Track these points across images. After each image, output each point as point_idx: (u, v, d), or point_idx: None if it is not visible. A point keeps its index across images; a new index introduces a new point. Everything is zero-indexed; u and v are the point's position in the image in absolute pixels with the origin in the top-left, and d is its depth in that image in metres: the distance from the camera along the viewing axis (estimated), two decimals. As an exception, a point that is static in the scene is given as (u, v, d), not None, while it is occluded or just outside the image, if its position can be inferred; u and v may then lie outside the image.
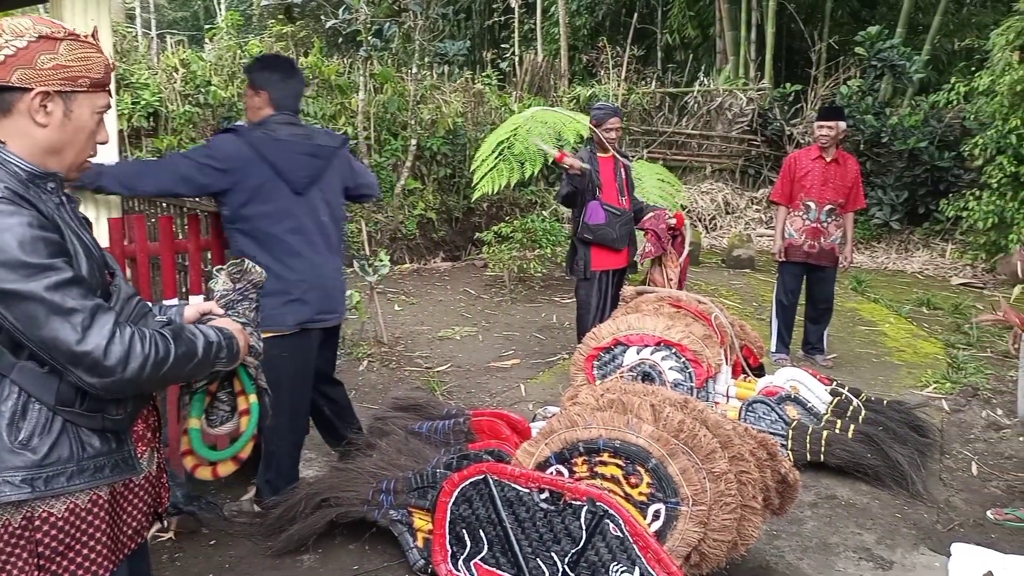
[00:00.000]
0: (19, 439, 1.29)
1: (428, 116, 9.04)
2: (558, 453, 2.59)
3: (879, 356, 5.73)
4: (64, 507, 1.34)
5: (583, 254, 4.66)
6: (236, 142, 2.71)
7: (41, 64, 1.29)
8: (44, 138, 1.33)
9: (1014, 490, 3.57)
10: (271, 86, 2.80)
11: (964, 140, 9.44)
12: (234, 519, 2.94)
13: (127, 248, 2.73)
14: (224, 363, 1.54)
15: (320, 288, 2.84)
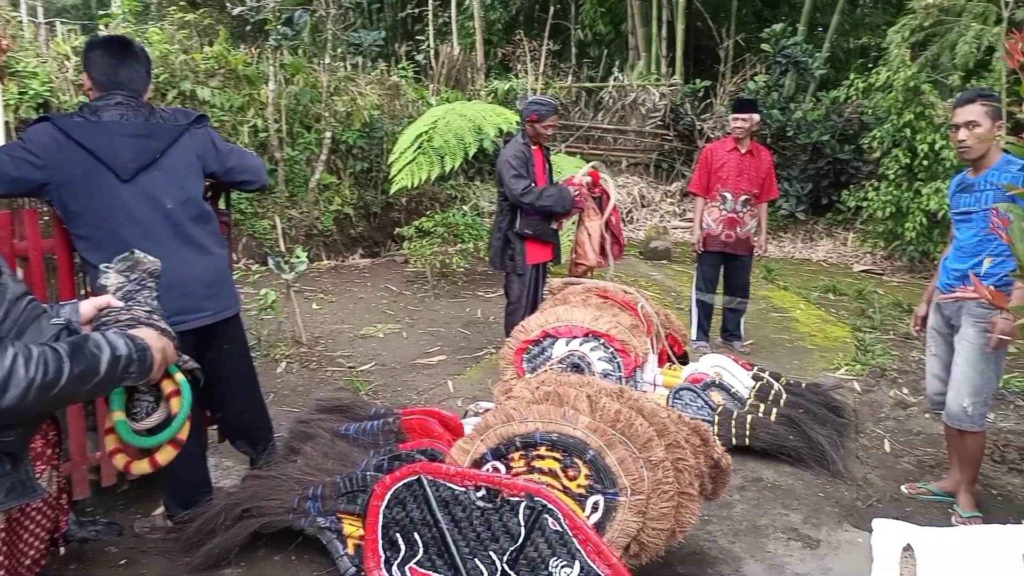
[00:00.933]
0: None
1: (343, 109, 8.78)
2: (494, 449, 2.53)
3: (792, 341, 5.94)
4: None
5: (519, 249, 4.60)
6: (49, 130, 2.40)
7: None
8: None
9: (924, 464, 3.75)
10: (94, 66, 2.50)
11: (863, 134, 9.93)
12: (147, 536, 2.73)
13: (17, 246, 2.48)
14: (134, 378, 1.39)
15: (171, 286, 2.24)
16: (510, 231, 4.63)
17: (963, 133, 3.11)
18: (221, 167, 2.70)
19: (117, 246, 2.17)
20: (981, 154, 3.11)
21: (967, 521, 3.15)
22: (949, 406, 3.20)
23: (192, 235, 2.57)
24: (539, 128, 4.66)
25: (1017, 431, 4.13)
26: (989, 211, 3.07)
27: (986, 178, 3.09)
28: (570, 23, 15.43)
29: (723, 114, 11.67)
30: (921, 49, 7.77)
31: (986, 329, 3.05)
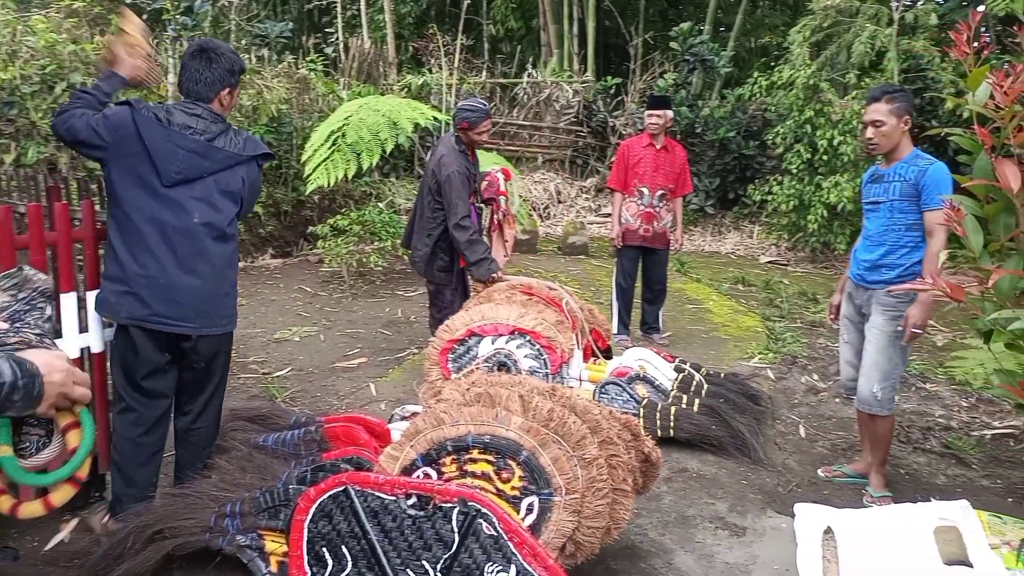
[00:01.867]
0: None
1: (248, 103, 8.41)
2: (425, 454, 2.45)
3: (707, 332, 6.09)
4: None
5: (454, 259, 4.36)
6: (125, 115, 2.55)
7: None
8: None
9: (837, 448, 3.90)
10: (182, 71, 2.70)
11: (766, 130, 10.33)
12: (49, 562, 2.51)
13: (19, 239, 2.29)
14: (18, 407, 1.22)
15: (166, 290, 2.56)
16: (443, 241, 4.31)
17: (870, 131, 3.24)
18: (247, 205, 2.83)
19: (136, 239, 2.55)
20: (889, 149, 3.24)
21: (878, 500, 3.29)
22: (860, 391, 3.33)
23: (208, 252, 2.64)
24: (472, 136, 4.37)
25: (918, 412, 4.36)
26: (895, 202, 3.22)
27: (895, 170, 3.23)
28: (482, 19, 15.39)
29: (634, 111, 11.90)
30: (820, 48, 8.12)
31: (895, 318, 3.18)
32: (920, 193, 3.13)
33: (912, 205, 3.17)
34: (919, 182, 3.13)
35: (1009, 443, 3.97)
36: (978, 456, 3.79)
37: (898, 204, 3.20)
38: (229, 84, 2.70)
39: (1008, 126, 2.10)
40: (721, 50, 11.46)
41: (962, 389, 4.72)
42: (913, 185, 3.15)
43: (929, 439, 4.00)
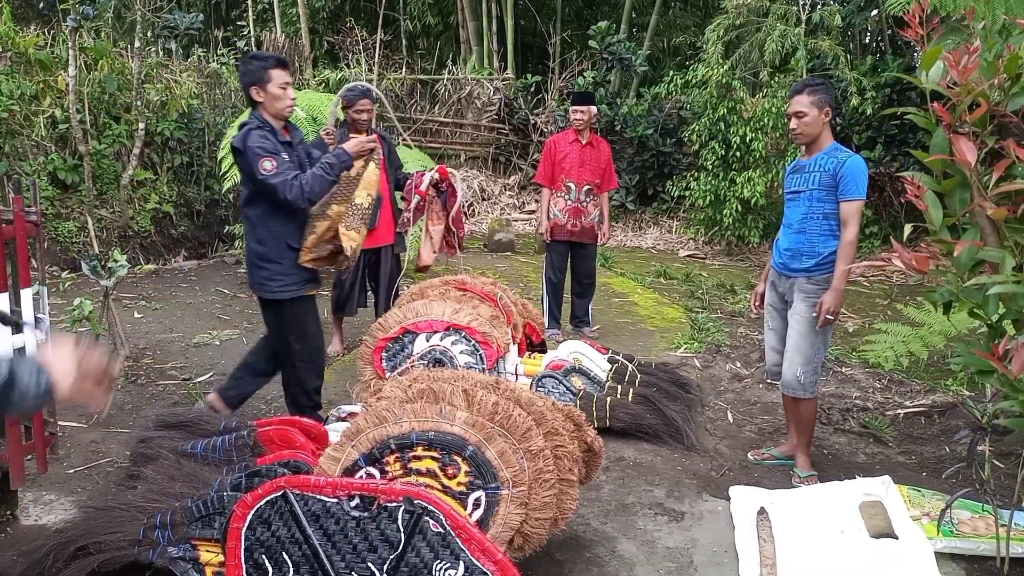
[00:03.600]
0: None
1: (156, 98, 8.04)
2: (367, 454, 2.38)
3: (635, 324, 6.20)
4: None
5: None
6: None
7: None
8: None
9: (764, 432, 4.04)
10: None
11: (682, 128, 10.61)
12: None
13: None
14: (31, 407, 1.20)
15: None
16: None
17: (793, 122, 3.37)
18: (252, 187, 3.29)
19: None
20: (812, 140, 3.37)
21: (805, 480, 3.41)
22: (784, 376, 3.45)
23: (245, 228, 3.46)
24: (351, 114, 4.56)
25: (837, 395, 4.56)
26: (814, 192, 3.34)
27: (816, 161, 3.35)
28: (399, 14, 15.19)
29: (555, 109, 12.00)
30: (732, 47, 8.40)
31: (815, 304, 3.31)
32: (838, 184, 3.27)
33: (830, 195, 3.30)
34: (837, 173, 3.26)
35: (920, 421, 4.20)
36: (893, 434, 4.00)
37: (817, 193, 3.32)
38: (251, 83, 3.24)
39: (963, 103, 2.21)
40: (638, 49, 11.69)
41: (875, 372, 4.96)
42: (832, 176, 3.27)
43: (848, 420, 4.19)
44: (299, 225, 3.34)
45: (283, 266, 3.30)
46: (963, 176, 2.23)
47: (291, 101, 3.30)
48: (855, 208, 3.24)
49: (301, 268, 3.35)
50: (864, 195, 3.25)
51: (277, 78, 3.21)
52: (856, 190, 3.23)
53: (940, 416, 4.23)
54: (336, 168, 3.24)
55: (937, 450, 3.82)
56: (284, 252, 3.29)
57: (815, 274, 3.34)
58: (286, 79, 3.24)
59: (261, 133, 3.19)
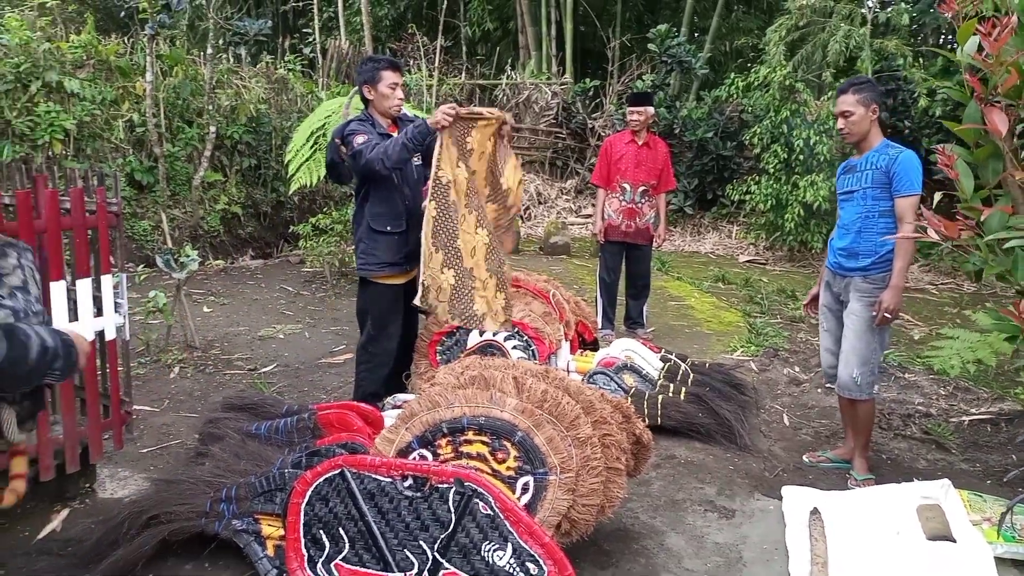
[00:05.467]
0: None
1: (227, 103, 8.37)
2: (420, 437, 2.46)
3: (690, 327, 6.16)
4: None
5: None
6: None
7: None
8: None
9: (820, 435, 3.97)
10: None
11: (743, 131, 10.46)
12: (42, 551, 2.49)
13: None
14: (57, 376, 1.29)
15: None
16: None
17: (840, 122, 3.33)
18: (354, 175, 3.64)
19: None
20: (860, 138, 3.32)
21: (861, 483, 3.35)
22: (840, 377, 3.39)
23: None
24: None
25: (899, 400, 4.45)
26: (868, 190, 3.28)
27: (867, 159, 3.30)
28: (459, 21, 15.43)
29: (613, 112, 11.99)
30: (795, 48, 8.26)
31: (871, 303, 3.25)
32: (892, 180, 3.21)
33: (884, 192, 3.24)
34: (890, 169, 3.20)
35: (986, 428, 4.07)
36: (957, 441, 3.88)
37: (871, 192, 3.27)
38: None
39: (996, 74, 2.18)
40: (698, 52, 11.59)
41: (939, 379, 4.82)
42: (885, 173, 3.22)
43: (909, 426, 4.08)
44: (388, 212, 3.52)
45: (366, 245, 3.54)
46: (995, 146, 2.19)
47: (398, 101, 3.53)
48: (911, 203, 3.17)
49: (384, 252, 3.51)
50: (919, 190, 3.18)
51: (387, 78, 3.44)
52: (911, 185, 3.16)
53: (1008, 424, 4.09)
54: (415, 137, 3.29)
55: (1003, 458, 3.69)
56: (369, 233, 3.53)
57: (871, 272, 3.28)
58: (395, 80, 3.47)
59: (360, 122, 3.44)
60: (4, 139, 6.68)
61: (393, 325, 3.61)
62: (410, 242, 3.58)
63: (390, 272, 3.57)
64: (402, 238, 3.56)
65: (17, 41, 6.91)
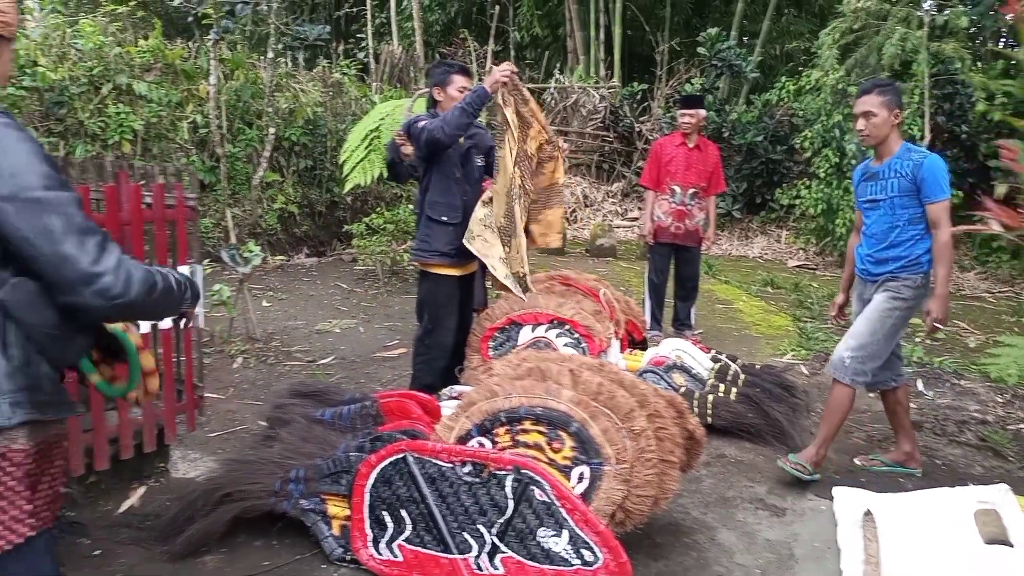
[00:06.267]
0: (8, 362, 1.18)
1: (285, 105, 8.63)
2: (479, 425, 2.55)
3: (739, 330, 6.15)
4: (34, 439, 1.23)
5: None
6: None
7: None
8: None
9: (873, 439, 3.95)
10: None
11: (793, 135, 10.36)
12: (123, 525, 2.65)
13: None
14: (188, 303, 1.49)
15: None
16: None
17: (861, 122, 3.23)
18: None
19: None
20: (880, 141, 3.23)
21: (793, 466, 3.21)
22: (833, 355, 3.32)
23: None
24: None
25: (953, 407, 4.39)
26: (895, 199, 3.20)
27: (890, 166, 3.22)
28: (508, 26, 15.57)
29: (661, 116, 11.97)
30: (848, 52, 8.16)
31: (894, 297, 3.20)
32: (919, 187, 3.13)
33: (912, 200, 3.17)
34: (916, 175, 3.12)
35: (1045, 436, 4.00)
36: (1014, 449, 3.82)
37: (898, 201, 3.19)
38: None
39: None
40: (748, 56, 11.51)
41: (996, 386, 4.74)
42: (911, 180, 3.14)
43: (964, 432, 4.03)
44: (446, 202, 3.64)
45: (422, 233, 3.68)
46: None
47: None
48: (943, 208, 3.10)
49: (438, 241, 3.62)
50: (949, 193, 3.12)
51: (457, 82, 3.60)
52: (940, 190, 3.09)
53: (1070, 433, 4.01)
54: (473, 103, 3.40)
55: (1064, 467, 3.63)
56: (427, 222, 3.66)
57: (901, 272, 3.22)
58: (464, 84, 3.62)
59: (427, 120, 3.59)
60: (78, 139, 7.01)
61: (449, 318, 3.71)
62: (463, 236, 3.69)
63: (441, 262, 3.67)
64: (456, 230, 3.67)
65: (91, 46, 7.24)
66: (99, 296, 1.19)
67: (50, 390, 1.24)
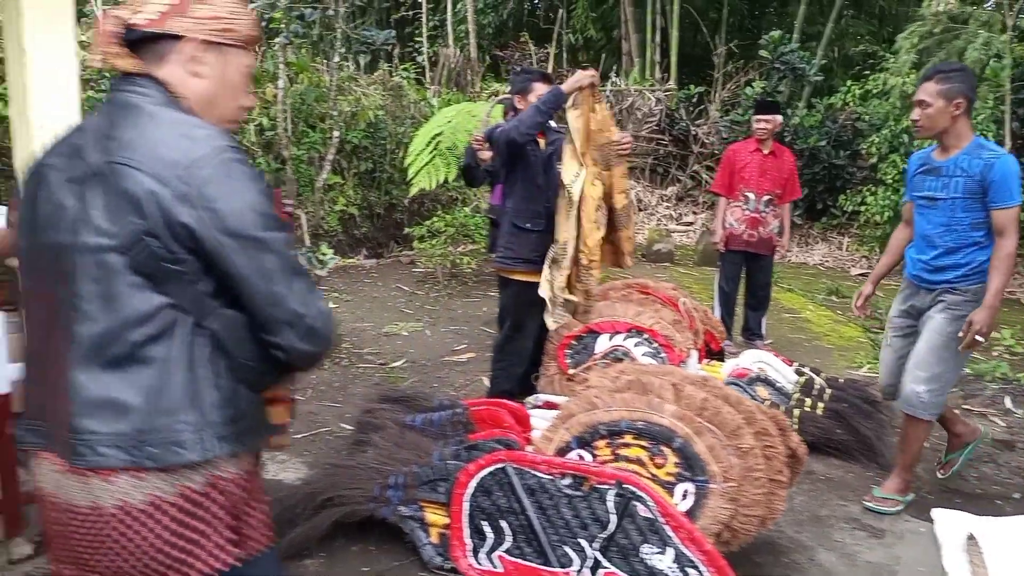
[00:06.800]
0: (219, 392, 1.18)
1: (348, 108, 8.72)
2: (579, 437, 2.53)
3: (809, 341, 6.01)
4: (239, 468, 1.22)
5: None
6: None
7: (197, 13, 1.22)
8: (202, 90, 1.25)
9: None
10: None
11: (856, 139, 10.10)
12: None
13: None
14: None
15: None
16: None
17: (916, 112, 2.98)
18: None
19: None
20: (935, 133, 2.98)
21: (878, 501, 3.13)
22: (903, 388, 3.13)
23: None
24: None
25: (1047, 425, 4.22)
26: (958, 200, 2.93)
27: (955, 163, 2.96)
28: (560, 28, 15.52)
29: (717, 119, 11.81)
30: (927, 56, 7.92)
31: (958, 318, 2.97)
32: (987, 189, 2.87)
33: (977, 203, 2.91)
34: (985, 176, 2.86)
35: None
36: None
37: (960, 202, 2.92)
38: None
39: None
40: (811, 59, 11.28)
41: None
42: (978, 181, 2.88)
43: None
44: (529, 209, 3.62)
45: (506, 240, 3.66)
46: None
47: None
48: (1011, 215, 2.85)
49: (522, 248, 3.60)
50: (1020, 199, 2.88)
51: (537, 90, 3.56)
52: (1010, 196, 2.84)
53: None
54: (549, 103, 3.39)
55: None
56: (511, 228, 3.65)
57: (963, 284, 2.96)
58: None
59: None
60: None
61: (530, 324, 3.69)
62: (547, 243, 3.66)
63: (524, 269, 3.64)
64: (540, 237, 3.63)
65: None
66: (303, 339, 1.19)
67: (252, 419, 1.24)
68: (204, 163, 1.12)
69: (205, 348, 1.17)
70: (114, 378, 1.12)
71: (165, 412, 1.13)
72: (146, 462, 1.11)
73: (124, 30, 1.20)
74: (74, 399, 1.12)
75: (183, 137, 1.14)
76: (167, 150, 1.12)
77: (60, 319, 1.15)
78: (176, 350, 1.14)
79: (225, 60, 1.26)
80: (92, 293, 1.12)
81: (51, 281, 1.17)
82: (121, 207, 1.10)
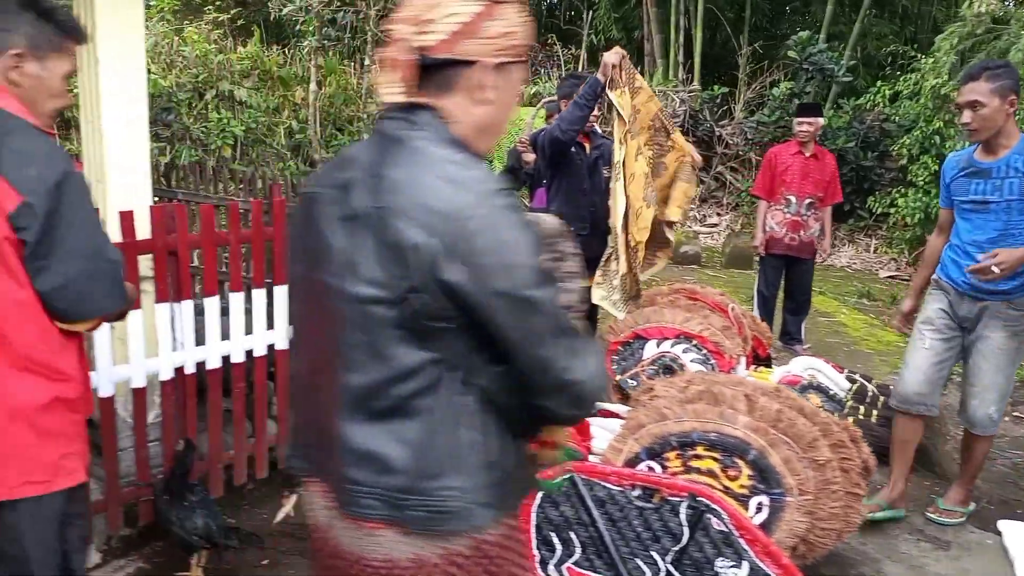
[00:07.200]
0: (485, 453, 1.11)
1: (376, 111, 8.73)
2: (648, 448, 2.50)
3: (848, 345, 5.94)
4: (503, 528, 1.16)
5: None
6: None
7: (489, 32, 1.08)
8: (483, 116, 1.12)
9: (1019, 467, 3.75)
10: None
11: (885, 141, 10.00)
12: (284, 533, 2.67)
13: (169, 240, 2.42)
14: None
15: None
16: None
17: (967, 115, 2.81)
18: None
19: None
20: (991, 135, 2.83)
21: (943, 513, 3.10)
22: (974, 413, 3.01)
23: None
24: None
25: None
26: (1014, 202, 2.79)
27: (1007, 163, 2.81)
28: (581, 29, 15.48)
29: (742, 120, 11.73)
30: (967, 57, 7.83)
31: (1017, 333, 2.87)
32: None
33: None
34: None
35: None
36: None
37: (1017, 204, 2.78)
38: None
39: None
40: (839, 59, 11.18)
41: None
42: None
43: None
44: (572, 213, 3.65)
45: None
46: None
47: (592, 117, 3.73)
48: None
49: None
50: None
51: None
52: None
53: None
54: (586, 94, 3.38)
55: None
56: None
57: (1017, 296, 2.84)
58: None
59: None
60: (183, 143, 7.21)
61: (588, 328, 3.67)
62: (591, 248, 3.63)
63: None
64: (583, 240, 3.60)
65: (196, 53, 7.45)
66: (569, 405, 1.12)
67: (517, 480, 1.18)
68: (471, 211, 1.02)
69: (472, 405, 1.09)
70: (379, 431, 1.08)
71: (429, 475, 1.07)
72: (410, 524, 1.08)
73: (419, 56, 1.07)
74: (343, 447, 1.09)
75: (450, 182, 1.03)
76: (433, 196, 1.02)
77: (330, 359, 1.12)
78: (441, 406, 1.07)
79: (509, 79, 1.13)
80: (360, 343, 1.07)
81: (321, 318, 1.13)
82: (388, 258, 1.03)
